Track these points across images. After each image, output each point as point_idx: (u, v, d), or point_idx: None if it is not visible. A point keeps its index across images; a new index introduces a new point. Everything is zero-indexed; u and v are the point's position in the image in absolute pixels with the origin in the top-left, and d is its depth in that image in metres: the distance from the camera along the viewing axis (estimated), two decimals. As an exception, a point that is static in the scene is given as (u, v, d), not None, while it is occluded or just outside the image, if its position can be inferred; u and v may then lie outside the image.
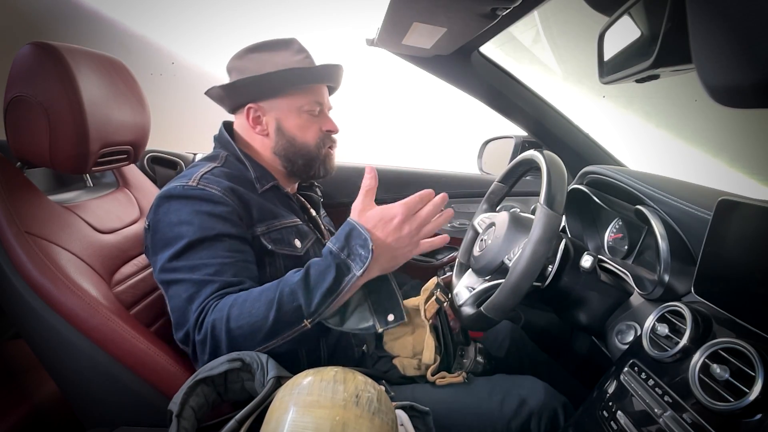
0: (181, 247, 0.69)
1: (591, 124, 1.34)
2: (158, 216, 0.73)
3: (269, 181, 0.84)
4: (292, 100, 0.85)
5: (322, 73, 0.87)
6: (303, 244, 0.83)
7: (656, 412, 0.53)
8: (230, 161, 0.84)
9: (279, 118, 0.86)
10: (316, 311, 0.62)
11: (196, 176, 0.75)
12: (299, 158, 0.87)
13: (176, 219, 0.71)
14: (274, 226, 0.80)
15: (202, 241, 0.69)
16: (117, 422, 0.69)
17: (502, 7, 0.79)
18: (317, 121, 0.87)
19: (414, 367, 0.80)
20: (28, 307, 0.67)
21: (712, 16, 0.33)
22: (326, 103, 0.90)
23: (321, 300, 0.62)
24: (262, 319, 0.61)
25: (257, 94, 0.85)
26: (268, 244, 0.77)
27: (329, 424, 0.44)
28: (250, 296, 0.64)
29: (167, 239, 0.70)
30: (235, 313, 0.62)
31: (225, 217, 0.72)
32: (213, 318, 0.63)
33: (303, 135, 0.86)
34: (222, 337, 0.62)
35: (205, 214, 0.71)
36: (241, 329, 0.62)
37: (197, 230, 0.69)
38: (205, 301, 0.65)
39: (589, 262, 0.72)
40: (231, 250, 0.70)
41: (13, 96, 0.74)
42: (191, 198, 0.72)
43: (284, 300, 0.62)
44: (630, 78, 0.60)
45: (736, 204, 0.56)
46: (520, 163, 0.84)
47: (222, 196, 0.74)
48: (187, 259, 0.68)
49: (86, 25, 1.89)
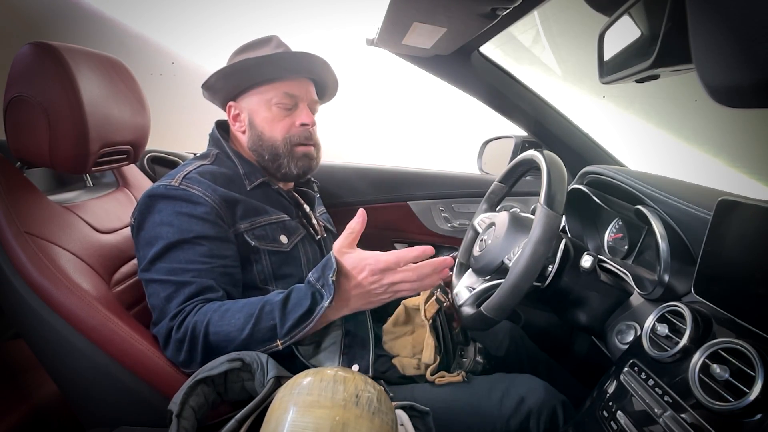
0: (161, 249, 0.71)
1: (591, 124, 1.34)
2: (143, 215, 0.75)
3: (258, 178, 0.85)
4: (262, 94, 0.85)
5: (283, 61, 0.84)
6: (290, 239, 0.84)
7: (656, 412, 0.53)
8: (221, 159, 0.86)
9: (251, 113, 0.86)
10: (289, 334, 0.64)
11: (179, 176, 0.77)
12: (266, 153, 0.86)
13: (158, 219, 0.73)
14: (258, 223, 0.81)
15: (180, 244, 0.71)
16: (117, 422, 0.69)
17: (502, 7, 0.79)
18: (290, 116, 0.86)
19: (413, 366, 0.80)
20: (27, 307, 0.67)
21: (712, 16, 0.33)
22: (302, 95, 0.87)
23: (294, 324, 0.64)
24: (237, 331, 0.64)
25: (230, 91, 0.87)
26: (251, 241, 0.78)
27: (329, 424, 0.44)
28: (234, 306, 0.67)
29: (149, 238, 0.73)
30: (215, 319, 0.65)
31: (204, 218, 0.74)
32: (195, 320, 0.66)
33: (271, 129, 0.85)
34: (199, 339, 0.65)
35: (185, 215, 0.73)
36: (217, 336, 0.65)
37: (176, 232, 0.72)
38: (185, 302, 0.68)
39: (589, 262, 0.72)
40: (208, 255, 0.72)
41: (12, 96, 0.74)
42: (173, 198, 0.74)
43: (262, 317, 0.65)
44: (630, 78, 0.60)
45: (736, 204, 0.56)
46: (520, 163, 0.84)
47: (202, 196, 0.75)
48: (166, 260, 0.71)
49: (86, 25, 1.89)
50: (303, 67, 0.87)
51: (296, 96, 0.86)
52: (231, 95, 0.88)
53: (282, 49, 0.86)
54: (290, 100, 0.85)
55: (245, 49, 0.88)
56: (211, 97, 0.90)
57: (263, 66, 0.83)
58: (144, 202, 0.75)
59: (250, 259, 0.79)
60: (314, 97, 0.90)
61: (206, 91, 0.88)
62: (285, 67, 0.85)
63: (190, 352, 0.66)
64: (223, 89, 0.87)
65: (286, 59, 0.84)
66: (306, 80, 0.89)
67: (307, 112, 0.87)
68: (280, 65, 0.84)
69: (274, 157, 0.86)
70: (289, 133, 0.86)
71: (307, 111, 0.87)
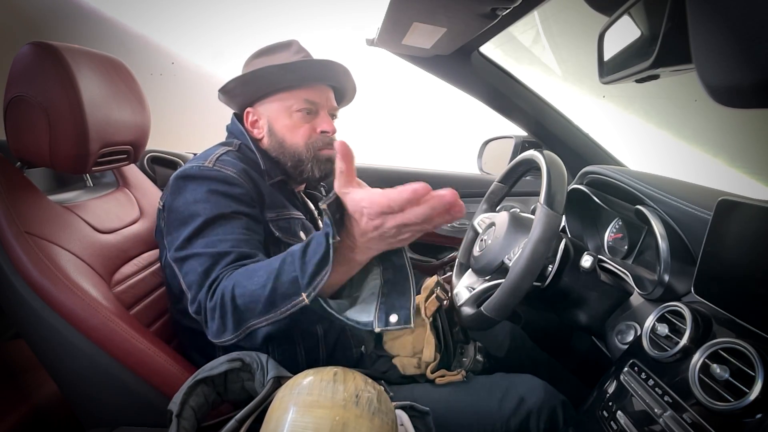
0: (198, 225, 0.69)
1: (591, 124, 1.34)
2: (174, 196, 0.73)
3: (278, 175, 0.85)
4: (282, 101, 0.84)
5: (304, 69, 0.83)
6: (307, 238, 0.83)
7: (656, 412, 0.53)
8: (243, 150, 0.85)
9: (271, 120, 0.86)
10: (311, 284, 0.56)
11: (212, 158, 0.76)
12: (288, 160, 0.85)
13: (192, 198, 0.72)
14: (283, 215, 0.81)
15: (218, 219, 0.70)
16: (117, 422, 0.69)
17: (502, 7, 0.79)
18: (311, 122, 0.85)
19: (414, 365, 0.80)
20: (28, 307, 0.67)
21: (712, 16, 0.33)
22: (322, 102, 0.86)
23: (314, 271, 0.56)
24: (260, 287, 0.59)
25: (249, 97, 0.86)
26: (275, 231, 0.78)
27: (329, 424, 0.44)
28: (258, 265, 0.63)
29: (183, 218, 0.71)
30: (241, 279, 0.61)
31: (240, 198, 0.73)
32: (224, 285, 0.62)
33: (293, 136, 0.84)
34: (228, 305, 0.61)
35: (221, 194, 0.72)
36: (243, 297, 0.60)
37: (213, 208, 0.70)
38: (222, 270, 0.65)
39: (589, 262, 0.72)
40: (246, 228, 0.71)
41: (13, 96, 0.74)
42: (207, 178, 0.73)
43: (284, 269, 0.59)
44: (630, 78, 0.60)
45: (736, 204, 0.56)
46: (520, 163, 0.84)
47: (237, 177, 0.75)
48: (204, 236, 0.69)
49: (86, 24, 1.89)
50: (325, 75, 0.87)
51: (317, 103, 0.85)
52: (249, 101, 0.87)
53: (302, 55, 0.85)
54: (311, 107, 0.85)
55: (263, 53, 0.87)
56: (227, 101, 0.88)
57: (285, 73, 0.82)
58: (175, 184, 0.74)
59: (269, 250, 0.77)
60: (334, 104, 0.89)
61: (224, 95, 0.86)
62: (307, 76, 0.84)
63: (222, 318, 0.61)
64: (241, 95, 0.86)
65: (309, 67, 0.84)
66: (326, 87, 0.88)
67: (328, 119, 0.87)
68: (302, 73, 0.83)
69: (297, 163, 0.85)
70: (310, 140, 0.85)
71: (328, 118, 0.87)
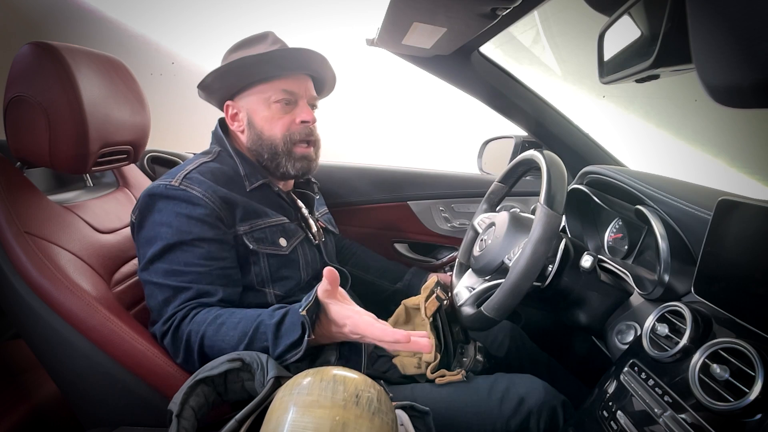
0: (159, 250, 0.72)
1: (591, 124, 1.34)
2: (143, 213, 0.75)
3: (258, 179, 0.84)
4: (260, 93, 0.84)
5: (280, 58, 0.83)
6: (289, 243, 0.83)
7: (656, 412, 0.53)
8: (223, 157, 0.85)
9: (250, 112, 0.85)
10: (280, 358, 0.64)
11: (179, 176, 0.76)
12: (265, 152, 0.85)
13: (158, 219, 0.74)
14: (258, 226, 0.80)
15: (179, 245, 0.72)
16: (117, 422, 0.69)
17: (502, 7, 0.79)
18: (290, 113, 0.85)
19: (414, 365, 0.80)
20: (27, 307, 0.67)
21: (712, 16, 0.33)
22: (301, 92, 0.85)
23: (286, 350, 0.63)
24: (231, 348, 0.65)
25: (228, 91, 0.86)
26: (250, 244, 0.78)
27: (329, 424, 0.44)
28: (229, 321, 0.67)
29: (149, 237, 0.74)
30: (210, 332, 0.66)
31: (203, 220, 0.74)
32: (190, 329, 0.67)
33: (270, 128, 0.84)
34: (195, 348, 0.67)
35: (185, 217, 0.73)
36: (212, 349, 0.66)
37: (175, 233, 0.72)
38: (181, 305, 0.70)
39: (589, 262, 0.72)
40: (207, 258, 0.73)
41: (12, 96, 0.74)
42: (172, 198, 0.74)
43: (256, 337, 0.65)
44: (630, 78, 0.60)
45: (736, 204, 0.56)
46: (520, 163, 0.84)
47: (201, 197, 0.74)
48: (164, 261, 0.72)
49: (86, 25, 1.89)
50: (301, 64, 0.86)
51: (295, 93, 0.85)
52: (228, 95, 0.87)
53: (278, 45, 0.85)
54: (289, 98, 0.84)
55: (240, 47, 0.87)
56: (207, 97, 0.88)
57: (261, 64, 0.82)
58: (144, 201, 0.75)
59: (249, 261, 0.78)
60: (313, 93, 0.89)
61: (202, 91, 0.87)
62: (283, 65, 0.84)
63: (186, 358, 0.68)
64: (219, 89, 0.86)
65: (285, 56, 0.83)
66: (304, 76, 0.87)
67: (307, 109, 0.86)
68: (279, 63, 0.83)
69: (273, 156, 0.85)
70: (289, 131, 0.84)
71: (307, 108, 0.86)
